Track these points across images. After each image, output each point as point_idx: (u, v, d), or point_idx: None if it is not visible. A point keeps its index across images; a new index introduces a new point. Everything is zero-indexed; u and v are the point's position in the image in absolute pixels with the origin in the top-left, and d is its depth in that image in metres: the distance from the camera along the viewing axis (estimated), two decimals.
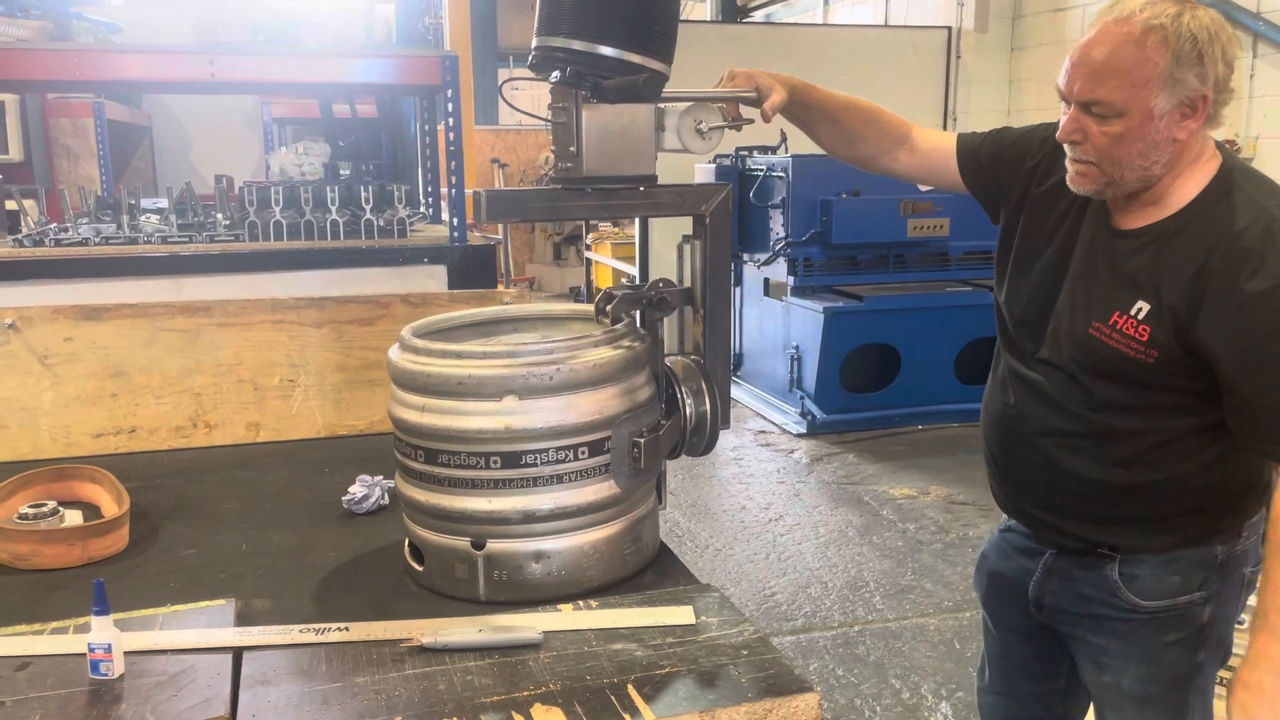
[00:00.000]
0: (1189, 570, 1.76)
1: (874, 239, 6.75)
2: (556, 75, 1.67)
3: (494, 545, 1.60)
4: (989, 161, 1.94)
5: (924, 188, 2.27)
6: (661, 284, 1.77)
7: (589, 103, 1.66)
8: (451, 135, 3.89)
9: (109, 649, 1.36)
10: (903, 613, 4.22)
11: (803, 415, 6.82)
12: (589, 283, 10.41)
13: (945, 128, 9.24)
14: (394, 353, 1.68)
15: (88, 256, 3.55)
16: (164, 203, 4.39)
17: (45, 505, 1.89)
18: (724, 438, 1.81)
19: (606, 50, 1.61)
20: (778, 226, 6.91)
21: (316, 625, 1.51)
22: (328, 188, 3.86)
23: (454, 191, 3.89)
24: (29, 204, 4.69)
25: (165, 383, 2.47)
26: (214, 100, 9.04)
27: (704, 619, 1.53)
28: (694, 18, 14.01)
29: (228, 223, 3.92)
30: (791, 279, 6.86)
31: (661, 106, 1.75)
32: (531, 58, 1.69)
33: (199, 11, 4.49)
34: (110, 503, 1.97)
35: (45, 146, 7.84)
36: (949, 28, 9.33)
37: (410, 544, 1.71)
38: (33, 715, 1.30)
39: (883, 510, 5.37)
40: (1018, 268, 1.87)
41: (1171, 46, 1.54)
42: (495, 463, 1.56)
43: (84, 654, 1.37)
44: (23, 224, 4.25)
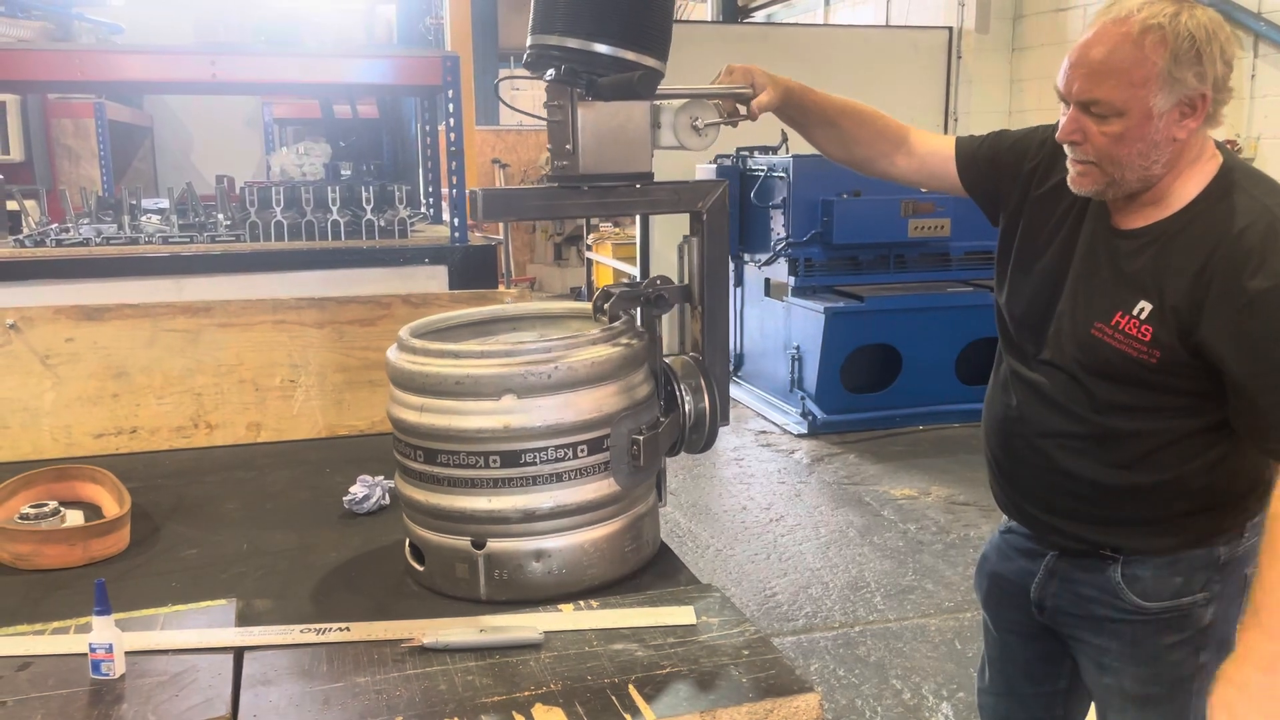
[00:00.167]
0: (1191, 571, 1.76)
1: (875, 239, 6.76)
2: (552, 73, 1.66)
3: (494, 544, 1.60)
4: (988, 165, 1.94)
5: (924, 191, 2.27)
6: (659, 281, 1.77)
7: (584, 100, 1.66)
8: (452, 135, 3.89)
9: (110, 649, 1.36)
10: (904, 613, 4.22)
11: (804, 415, 6.82)
12: (590, 283, 10.40)
13: (946, 128, 9.23)
14: (392, 353, 1.67)
15: (89, 257, 3.56)
16: (165, 203, 4.39)
17: (46, 505, 1.89)
18: (725, 438, 1.81)
19: (601, 48, 1.61)
20: (778, 227, 6.92)
21: (317, 625, 1.51)
22: (329, 188, 3.86)
23: (455, 192, 3.89)
24: (30, 204, 4.69)
25: (166, 383, 2.47)
26: (215, 101, 9.05)
27: (705, 619, 1.53)
28: (694, 18, 14.01)
29: (229, 223, 3.92)
30: (792, 279, 6.87)
31: (657, 104, 1.74)
32: (526, 56, 1.68)
33: (200, 12, 4.49)
34: (111, 503, 1.97)
35: (46, 147, 7.84)
36: (950, 28, 9.32)
37: (411, 544, 1.71)
38: (34, 715, 1.30)
39: (884, 511, 5.37)
40: (1018, 269, 1.87)
41: (1170, 46, 1.54)
42: (494, 462, 1.56)
43: (85, 654, 1.37)
44: (24, 224, 4.25)
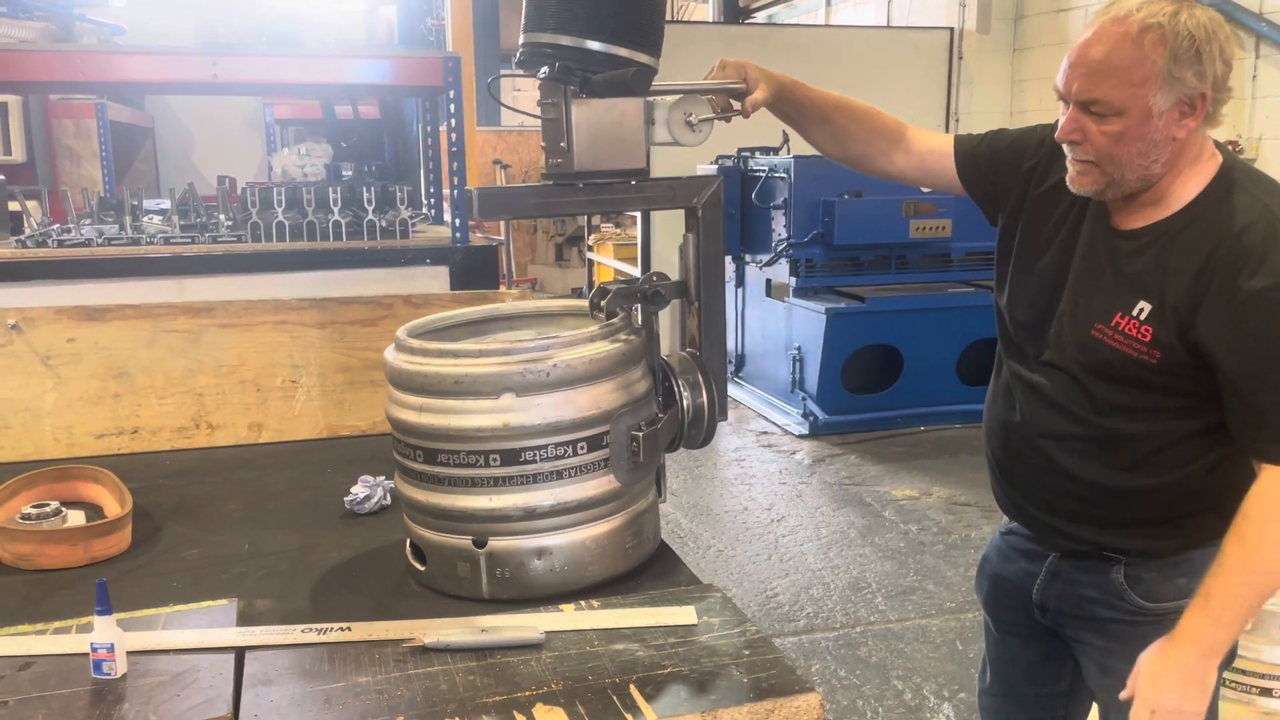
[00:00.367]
0: (1195, 572, 1.75)
1: (876, 240, 6.75)
2: (545, 71, 1.66)
3: (496, 543, 1.60)
4: (986, 163, 1.93)
5: (925, 190, 2.26)
6: (655, 278, 1.77)
7: (579, 98, 1.66)
8: (453, 136, 3.89)
9: (112, 649, 1.36)
10: (905, 614, 4.22)
11: (805, 416, 6.81)
12: (591, 284, 10.39)
13: (947, 129, 9.23)
14: (390, 354, 1.67)
15: (90, 257, 3.56)
16: (166, 204, 4.40)
17: (48, 505, 1.89)
18: (726, 439, 1.81)
19: (594, 45, 1.61)
20: (780, 227, 6.91)
21: (318, 625, 1.51)
22: (330, 189, 3.86)
23: (456, 192, 3.89)
24: (32, 205, 4.69)
25: (168, 383, 2.48)
26: (216, 101, 9.05)
27: (706, 619, 1.53)
28: (695, 18, 14.01)
29: (230, 224, 3.92)
30: (793, 280, 6.86)
31: (651, 100, 1.74)
32: (519, 54, 1.68)
33: (201, 13, 4.49)
34: (113, 503, 1.97)
35: (48, 147, 7.84)
36: (951, 29, 9.31)
37: (412, 544, 1.71)
38: (35, 715, 1.30)
39: (885, 511, 5.37)
40: (1018, 270, 1.86)
41: (1169, 45, 1.54)
42: (495, 460, 1.56)
43: (87, 654, 1.37)
44: (26, 225, 4.26)
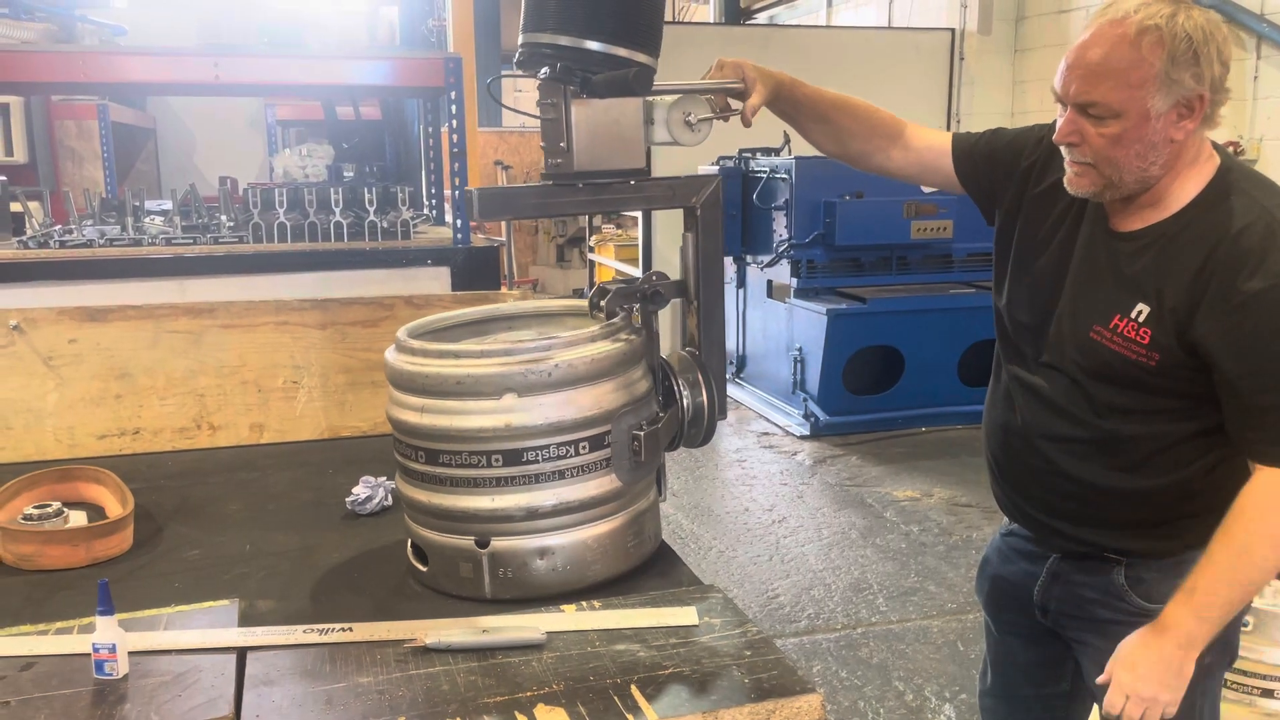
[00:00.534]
0: None
1: (877, 241, 6.74)
2: (546, 71, 1.66)
3: (498, 543, 1.60)
4: (984, 161, 1.93)
5: (927, 189, 2.26)
6: (654, 277, 1.77)
7: (578, 98, 1.66)
8: (455, 137, 3.90)
9: (113, 649, 1.37)
10: (906, 615, 4.22)
11: (806, 417, 6.81)
12: (592, 284, 10.35)
13: (948, 129, 9.22)
14: (391, 355, 1.67)
15: (92, 258, 3.56)
16: (168, 204, 4.39)
17: (50, 506, 1.89)
18: (727, 439, 1.82)
19: (593, 45, 1.61)
20: (781, 228, 6.91)
21: (320, 626, 1.51)
22: (331, 189, 3.86)
23: (457, 193, 3.89)
24: (34, 206, 4.69)
25: (169, 384, 2.48)
26: (218, 102, 9.05)
27: (707, 620, 1.53)
28: (697, 19, 14.01)
29: (232, 224, 3.92)
30: (795, 281, 6.86)
31: (650, 100, 1.74)
32: (519, 54, 1.68)
33: (203, 14, 4.50)
34: (114, 504, 1.98)
35: (50, 149, 7.84)
36: (952, 29, 9.32)
37: (413, 545, 1.71)
38: (37, 715, 1.30)
39: (886, 512, 5.37)
40: (1017, 271, 1.86)
41: (1167, 47, 1.54)
42: (497, 461, 1.57)
43: (88, 654, 1.38)
44: (28, 226, 4.25)
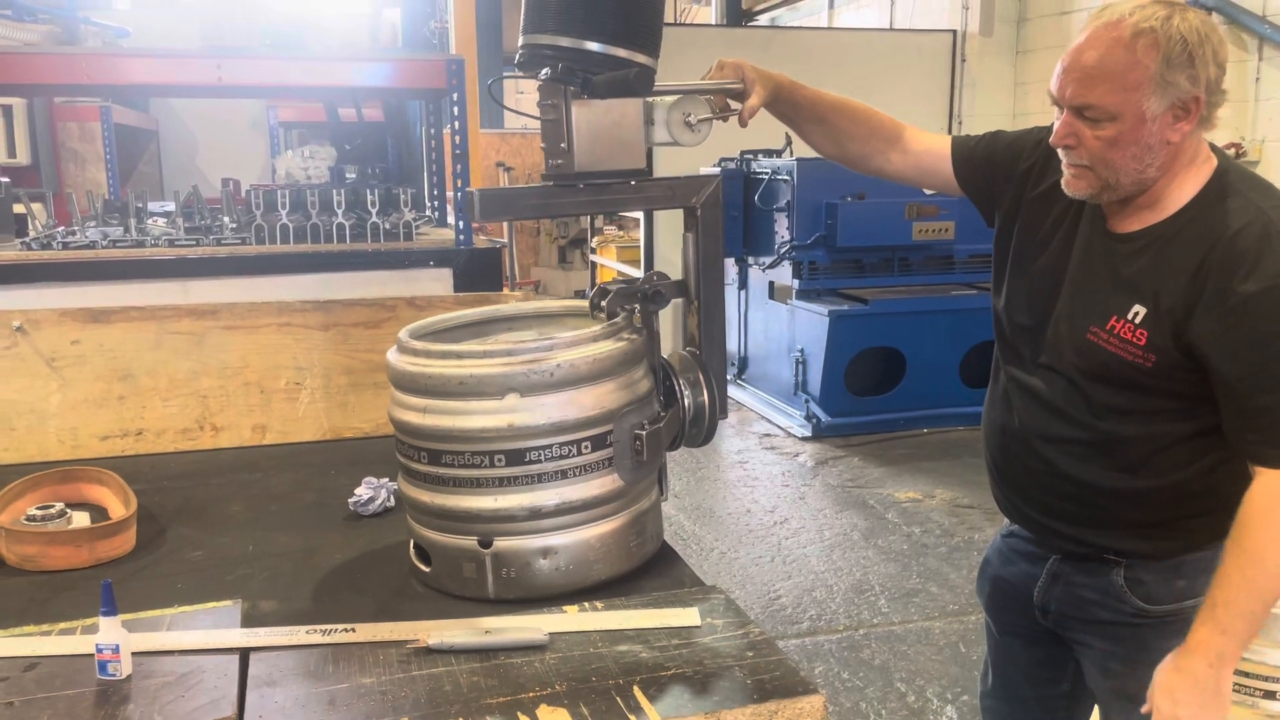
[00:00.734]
0: (1195, 574, 1.76)
1: (879, 242, 6.75)
2: (546, 72, 1.67)
3: (501, 543, 1.60)
4: (983, 163, 1.94)
5: (928, 191, 2.26)
6: (655, 277, 1.77)
7: (579, 99, 1.66)
8: (457, 139, 3.89)
9: (117, 650, 1.37)
10: (908, 616, 4.22)
11: (807, 418, 6.81)
12: (594, 286, 10.36)
13: (950, 131, 9.22)
14: (392, 355, 1.67)
15: (95, 259, 3.56)
16: (171, 206, 4.40)
17: (53, 507, 1.90)
18: (729, 441, 1.82)
19: (593, 46, 1.61)
20: (782, 230, 6.92)
21: (323, 626, 1.51)
22: (334, 191, 3.86)
23: (460, 195, 3.90)
24: (36, 207, 4.70)
25: (172, 385, 2.48)
26: (220, 104, 9.05)
27: (709, 621, 1.53)
28: (698, 21, 14.01)
29: (234, 226, 3.92)
30: (796, 282, 6.87)
31: (650, 100, 1.75)
32: (519, 55, 1.69)
33: (206, 16, 4.50)
34: (117, 505, 1.98)
35: (52, 150, 7.85)
36: (954, 31, 9.32)
37: (415, 545, 1.71)
38: (40, 715, 1.30)
39: (888, 514, 5.37)
40: (1015, 273, 1.87)
41: (1162, 49, 1.55)
42: (499, 461, 1.57)
43: (92, 655, 1.38)
44: (30, 227, 4.26)
